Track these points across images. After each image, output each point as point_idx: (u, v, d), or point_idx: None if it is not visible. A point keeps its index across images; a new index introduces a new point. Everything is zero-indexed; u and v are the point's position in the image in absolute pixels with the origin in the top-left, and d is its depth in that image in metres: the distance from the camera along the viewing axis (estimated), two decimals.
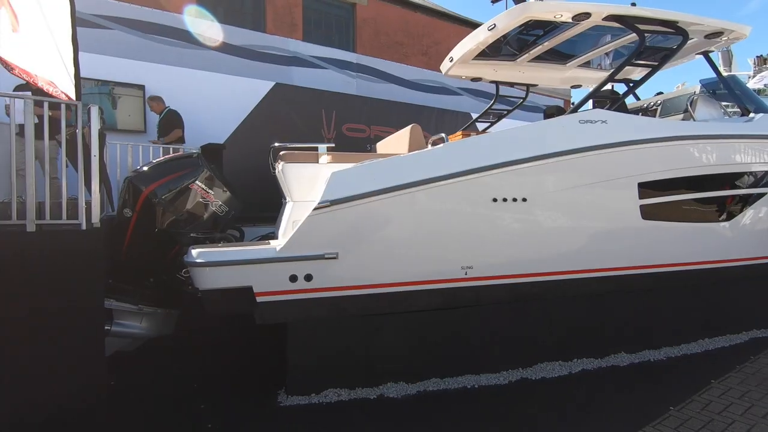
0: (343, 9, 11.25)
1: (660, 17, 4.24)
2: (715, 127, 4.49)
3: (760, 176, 4.56)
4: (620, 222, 4.08)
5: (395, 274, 3.54)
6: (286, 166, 3.85)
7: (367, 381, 3.64)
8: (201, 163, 3.92)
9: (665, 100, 5.54)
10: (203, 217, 3.99)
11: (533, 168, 3.70)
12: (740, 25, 4.64)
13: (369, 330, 3.66)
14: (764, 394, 3.54)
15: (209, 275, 3.31)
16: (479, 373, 3.85)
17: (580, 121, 3.87)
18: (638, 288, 4.38)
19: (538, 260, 3.90)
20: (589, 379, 3.92)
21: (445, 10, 13.26)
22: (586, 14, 4.10)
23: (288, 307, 3.43)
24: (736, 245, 4.71)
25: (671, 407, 3.34)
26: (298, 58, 8.54)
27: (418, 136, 4.32)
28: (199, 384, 3.84)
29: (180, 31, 7.36)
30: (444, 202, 3.53)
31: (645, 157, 4.03)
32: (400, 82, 9.88)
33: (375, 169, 3.42)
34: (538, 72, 5.94)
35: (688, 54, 5.16)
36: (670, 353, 4.41)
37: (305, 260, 3.35)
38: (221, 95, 6.86)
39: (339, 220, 3.33)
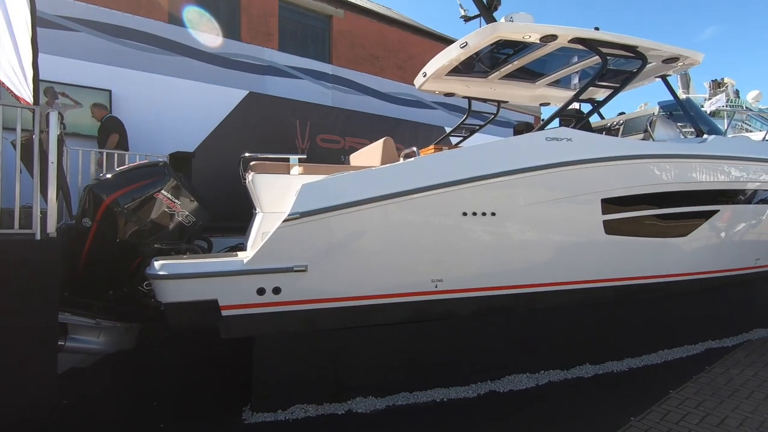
0: (319, 20, 11.32)
1: (621, 42, 4.46)
2: (672, 147, 4.72)
3: (712, 194, 4.82)
4: (585, 236, 4.21)
5: (365, 287, 3.52)
6: (256, 177, 3.80)
7: (336, 396, 3.58)
8: (167, 171, 3.81)
9: (627, 120, 5.81)
10: (168, 228, 3.87)
11: (502, 183, 3.79)
12: (695, 52, 4.93)
13: (338, 344, 3.62)
14: (717, 403, 3.69)
15: (172, 288, 3.20)
16: (449, 386, 3.85)
17: (547, 139, 3.99)
18: (602, 300, 4.52)
19: (506, 273, 3.96)
20: (556, 391, 3.98)
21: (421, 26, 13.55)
22: (552, 36, 4.28)
23: (255, 320, 3.35)
24: (692, 259, 4.93)
25: (632, 417, 3.43)
26: (273, 67, 8.51)
27: (390, 149, 4.36)
28: (160, 401, 3.68)
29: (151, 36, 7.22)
30: (414, 216, 3.55)
31: (607, 175, 4.19)
32: (376, 94, 9.98)
33: (346, 182, 3.41)
34: (509, 89, 6.12)
35: (647, 77, 5.43)
36: (631, 364, 4.54)
37: (273, 273, 3.29)
38: (192, 103, 6.74)
39: (309, 233, 3.30)
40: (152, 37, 7.25)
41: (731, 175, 4.88)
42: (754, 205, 5.21)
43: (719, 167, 4.79)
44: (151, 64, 7.01)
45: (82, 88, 6.07)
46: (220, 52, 7.82)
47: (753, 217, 5.30)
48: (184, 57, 7.43)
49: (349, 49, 11.56)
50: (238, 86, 7.44)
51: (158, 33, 7.32)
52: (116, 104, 6.25)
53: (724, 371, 4.43)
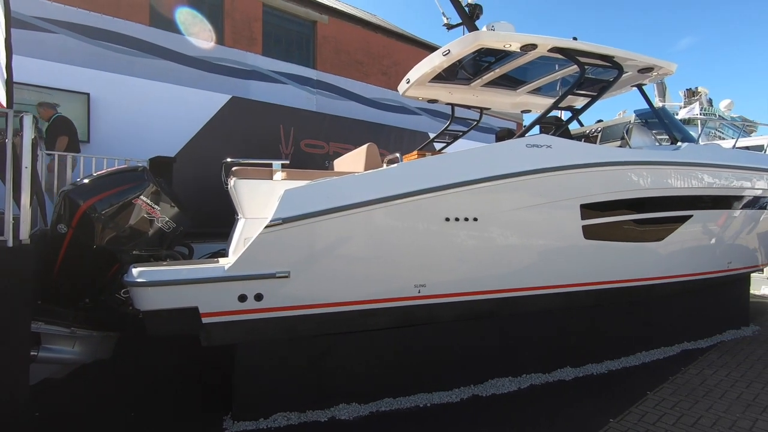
0: (303, 26, 11.33)
1: (598, 51, 4.58)
2: (648, 154, 4.86)
3: (686, 200, 4.97)
4: (565, 241, 4.29)
5: (348, 293, 3.51)
6: (238, 182, 3.77)
7: (318, 403, 3.55)
8: (147, 177, 3.74)
9: (605, 128, 5.95)
10: (148, 234, 3.80)
11: (484, 188, 3.83)
12: (668, 63, 5.10)
13: (320, 350, 3.60)
14: (692, 403, 3.80)
15: (151, 295, 3.14)
16: (432, 392, 3.87)
17: (527, 145, 4.06)
18: (583, 304, 4.60)
19: (489, 278, 4.00)
20: (537, 394, 4.03)
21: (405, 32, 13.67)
22: (532, 45, 4.37)
23: (236, 327, 3.31)
24: (668, 263, 5.06)
25: (611, 419, 3.50)
26: (256, 72, 8.47)
27: (374, 155, 4.38)
28: (137, 412, 3.59)
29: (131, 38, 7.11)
30: (397, 221, 3.57)
31: (586, 181, 4.28)
32: (361, 100, 10.02)
33: (328, 188, 3.41)
34: (491, 96, 6.22)
35: (624, 86, 5.59)
36: (611, 366, 4.64)
37: (255, 279, 3.26)
38: (174, 107, 6.65)
39: (291, 239, 3.28)
40: (132, 39, 7.14)
41: (703, 181, 5.05)
42: (725, 211, 5.39)
43: (692, 174, 4.95)
44: (131, 67, 6.90)
45: (59, 91, 5.93)
46: (203, 56, 7.75)
47: (725, 221, 5.48)
48: (166, 60, 7.34)
49: (334, 55, 11.59)
50: (220, 90, 7.37)
51: (139, 36, 7.22)
52: (95, 107, 6.13)
53: (699, 372, 4.55)
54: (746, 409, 3.69)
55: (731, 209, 5.47)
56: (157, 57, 7.31)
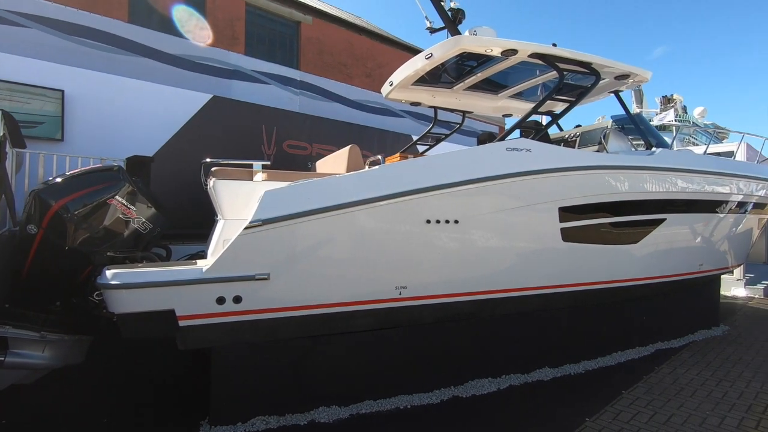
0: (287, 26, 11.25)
1: (576, 58, 4.69)
2: (624, 158, 4.98)
3: (660, 203, 5.11)
4: (543, 244, 4.36)
5: (329, 294, 3.50)
6: (218, 183, 3.71)
7: (298, 406, 3.52)
8: (122, 176, 3.66)
9: (583, 132, 6.08)
10: (123, 235, 3.71)
11: (465, 191, 3.87)
12: (644, 70, 5.25)
13: (301, 353, 3.57)
14: (665, 401, 3.90)
15: (125, 298, 3.06)
16: (412, 393, 3.87)
17: (507, 149, 4.12)
18: (561, 305, 4.69)
19: (469, 280, 4.04)
20: (516, 395, 4.08)
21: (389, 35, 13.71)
22: (513, 51, 4.44)
23: (214, 330, 3.25)
24: (643, 265, 5.20)
25: (587, 418, 3.57)
26: (239, 71, 8.35)
27: (356, 157, 4.37)
28: (111, 418, 3.49)
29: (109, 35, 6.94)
30: (379, 223, 3.57)
31: (564, 184, 4.37)
32: (344, 101, 9.99)
33: (309, 189, 3.39)
34: (473, 100, 6.29)
35: (601, 92, 5.73)
36: (588, 366, 4.73)
37: (234, 281, 3.22)
38: (152, 105, 6.50)
39: (271, 240, 3.25)
40: (110, 36, 6.96)
41: (676, 185, 5.20)
42: (697, 214, 5.56)
43: (665, 178, 5.09)
44: (108, 64, 6.72)
45: (31, 87, 5.74)
46: (183, 54, 7.61)
47: (696, 225, 5.66)
48: (145, 58, 7.17)
49: (317, 56, 11.55)
50: (201, 89, 7.24)
51: (117, 32, 7.04)
52: (69, 105, 5.95)
53: (672, 371, 4.68)
54: (715, 407, 3.81)
55: (702, 213, 5.66)
56: (135, 54, 7.13)
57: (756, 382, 4.41)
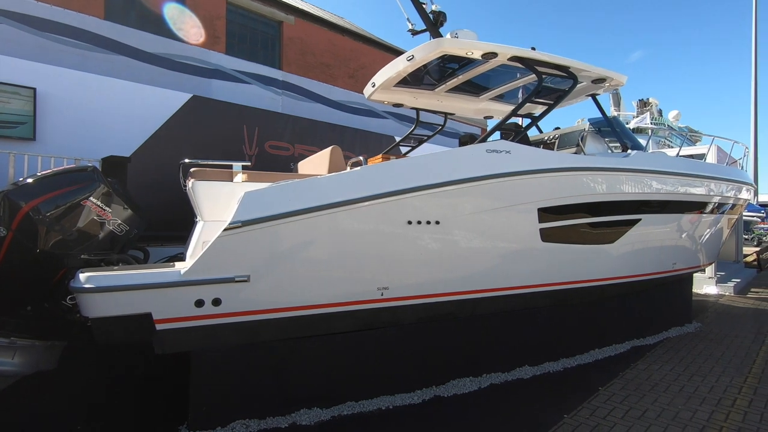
0: (269, 26, 11.16)
1: (555, 62, 4.78)
2: (601, 160, 5.10)
3: (635, 204, 5.25)
4: (523, 244, 4.43)
5: (310, 296, 3.48)
6: (197, 184, 3.66)
7: (279, 409, 3.49)
8: (97, 177, 3.57)
9: (562, 135, 6.20)
10: (98, 237, 3.62)
11: (445, 192, 3.90)
12: (619, 75, 5.39)
13: (281, 355, 3.54)
14: (640, 397, 4.01)
15: (100, 301, 2.99)
16: (394, 394, 3.88)
17: (487, 151, 4.18)
18: (540, 305, 4.77)
19: (450, 280, 4.07)
20: (497, 393, 4.13)
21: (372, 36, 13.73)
22: (493, 54, 4.51)
23: (193, 334, 3.20)
24: (619, 264, 5.33)
25: (565, 415, 3.64)
26: (219, 71, 8.26)
27: (337, 158, 4.37)
28: (84, 426, 3.39)
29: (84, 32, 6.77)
30: (360, 224, 3.57)
31: (543, 185, 4.45)
32: (327, 102, 9.97)
33: (290, 190, 3.37)
34: (455, 102, 6.35)
35: (579, 95, 5.85)
36: (566, 364, 4.82)
37: (213, 283, 3.17)
38: (130, 105, 6.37)
39: (251, 242, 3.22)
40: (86, 33, 6.80)
41: (650, 186, 5.35)
42: (670, 214, 5.74)
43: (640, 179, 5.24)
44: (83, 62, 6.57)
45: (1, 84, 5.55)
46: (162, 53, 7.48)
47: (670, 225, 5.83)
48: (122, 56, 7.03)
49: (300, 56, 11.48)
50: (181, 89, 7.13)
51: (93, 29, 6.88)
52: (41, 103, 5.78)
53: (647, 367, 4.81)
54: (687, 401, 3.93)
55: (675, 213, 5.83)
56: (112, 52, 6.98)
57: (725, 376, 4.57)
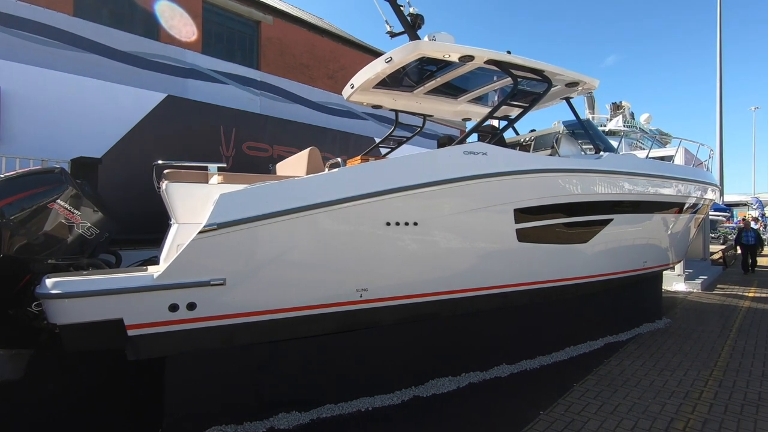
0: (247, 26, 11.02)
1: (530, 65, 4.88)
2: (574, 162, 5.24)
3: (607, 205, 5.41)
4: (500, 244, 4.50)
5: (288, 299, 3.45)
6: (171, 186, 3.58)
7: (257, 413, 3.44)
8: (65, 179, 3.44)
9: (538, 137, 6.33)
10: (66, 241, 3.49)
11: (423, 194, 3.94)
12: (592, 78, 5.55)
13: (259, 359, 3.50)
14: (612, 392, 4.12)
15: (68, 308, 2.89)
16: (373, 395, 3.89)
17: (465, 152, 4.23)
18: (517, 303, 4.85)
19: (429, 281, 4.10)
20: (475, 392, 4.18)
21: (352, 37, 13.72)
22: (470, 57, 4.57)
23: (167, 339, 3.13)
24: (593, 263, 5.47)
25: (541, 411, 3.71)
26: (195, 70, 8.10)
27: (316, 159, 4.35)
28: None
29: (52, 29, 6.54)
30: (338, 226, 3.56)
31: (519, 186, 4.53)
32: (306, 103, 9.90)
33: (266, 192, 3.34)
34: (433, 104, 6.41)
35: (553, 98, 5.99)
36: (543, 362, 4.92)
37: (188, 287, 3.11)
38: (101, 104, 6.18)
39: (227, 245, 3.17)
40: (53, 30, 6.57)
41: (621, 187, 5.52)
42: (640, 214, 5.93)
43: (611, 180, 5.39)
44: (51, 60, 6.34)
45: None
46: (135, 51, 7.29)
47: (640, 224, 6.02)
48: (92, 54, 6.81)
49: (279, 57, 11.37)
50: (155, 88, 6.96)
51: (61, 26, 6.65)
52: (5, 102, 5.55)
53: (619, 363, 4.96)
54: (657, 395, 4.07)
55: (646, 213, 6.03)
56: (82, 50, 6.76)
57: (693, 370, 4.74)
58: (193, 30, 9.43)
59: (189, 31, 8.82)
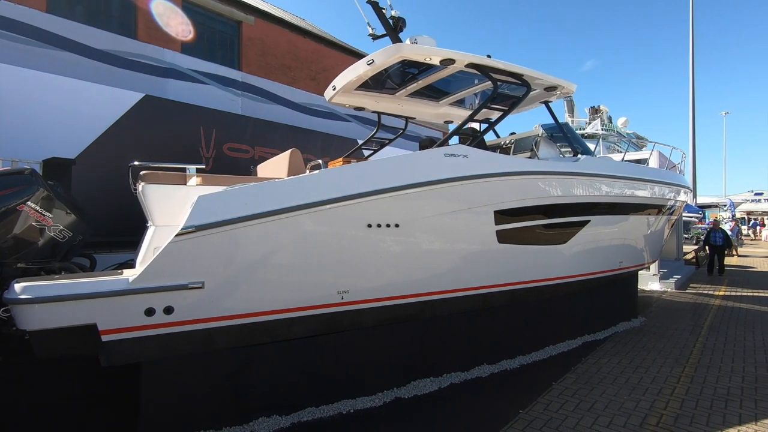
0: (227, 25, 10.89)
1: (509, 69, 4.96)
2: (553, 164, 5.34)
3: (585, 206, 5.53)
4: (480, 245, 4.55)
5: (268, 301, 3.42)
6: (147, 187, 3.51)
7: (236, 418, 3.40)
8: (35, 180, 3.34)
9: (517, 140, 6.43)
10: (37, 244, 3.39)
11: (404, 196, 3.96)
12: (569, 83, 5.67)
13: (239, 363, 3.45)
14: (590, 390, 4.21)
15: (38, 313, 2.80)
16: (355, 397, 3.88)
17: (446, 155, 4.27)
18: (497, 304, 4.91)
19: (410, 282, 4.12)
20: (457, 392, 4.21)
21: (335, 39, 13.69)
22: (451, 60, 4.63)
23: (142, 344, 3.06)
24: (570, 264, 5.59)
25: (521, 410, 3.77)
26: (175, 70, 7.95)
27: (297, 161, 4.33)
28: None
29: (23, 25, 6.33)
30: (319, 228, 3.55)
31: (499, 189, 4.60)
32: (289, 104, 9.82)
33: (246, 194, 3.30)
34: (416, 106, 6.45)
35: (532, 102, 6.10)
36: (523, 361, 4.99)
37: (165, 291, 3.05)
38: (75, 104, 6.01)
39: (205, 247, 3.12)
40: (25, 26, 6.36)
41: (597, 189, 5.66)
42: (616, 216, 6.08)
43: (588, 183, 5.52)
44: (22, 57, 6.13)
45: None
46: (111, 50, 7.12)
47: (616, 225, 6.18)
48: (66, 52, 6.62)
49: (260, 57, 11.27)
50: (132, 88, 6.80)
51: (33, 23, 6.45)
52: None
53: (596, 361, 5.07)
54: (632, 392, 4.17)
55: (621, 214, 6.19)
56: (55, 47, 6.57)
57: (666, 367, 4.88)
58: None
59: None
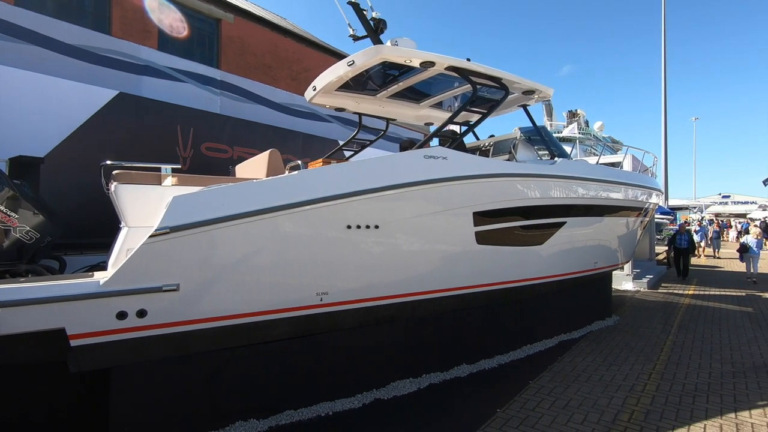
0: (206, 23, 10.71)
1: (488, 73, 5.04)
2: (530, 167, 5.44)
3: (561, 208, 5.65)
4: (459, 246, 4.60)
5: (245, 304, 3.37)
6: (120, 187, 3.41)
7: (213, 423, 3.34)
8: (1, 179, 3.22)
9: (496, 142, 6.53)
10: (2, 246, 3.26)
11: (384, 197, 3.96)
12: (546, 87, 5.79)
13: (215, 366, 3.39)
14: (565, 388, 4.30)
15: (1, 318, 2.69)
16: (334, 399, 3.86)
17: (425, 156, 4.30)
18: (476, 304, 4.97)
19: (389, 283, 4.13)
20: (435, 393, 4.24)
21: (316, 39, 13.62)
22: (431, 63, 4.67)
23: (114, 348, 2.97)
24: (547, 264, 5.70)
25: (498, 409, 3.82)
26: (151, 67, 7.76)
27: (276, 161, 4.28)
28: None
29: None
30: (297, 229, 3.52)
31: (477, 190, 4.65)
32: (269, 104, 9.71)
33: (222, 194, 3.25)
34: (396, 108, 6.48)
35: (511, 105, 6.20)
36: (501, 360, 5.06)
37: (138, 294, 2.97)
38: (44, 101, 5.80)
39: (180, 249, 3.06)
40: None
41: (573, 191, 5.79)
42: (591, 217, 6.23)
43: (564, 185, 5.65)
44: None
45: None
46: (84, 45, 6.90)
47: (591, 227, 6.33)
48: (35, 46, 6.39)
49: (240, 56, 11.11)
50: (105, 85, 6.61)
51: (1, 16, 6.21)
52: None
53: (571, 360, 5.18)
54: (605, 389, 4.28)
55: (596, 216, 6.35)
56: (23, 42, 6.33)
57: (638, 364, 5.03)
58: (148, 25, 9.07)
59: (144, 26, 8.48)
